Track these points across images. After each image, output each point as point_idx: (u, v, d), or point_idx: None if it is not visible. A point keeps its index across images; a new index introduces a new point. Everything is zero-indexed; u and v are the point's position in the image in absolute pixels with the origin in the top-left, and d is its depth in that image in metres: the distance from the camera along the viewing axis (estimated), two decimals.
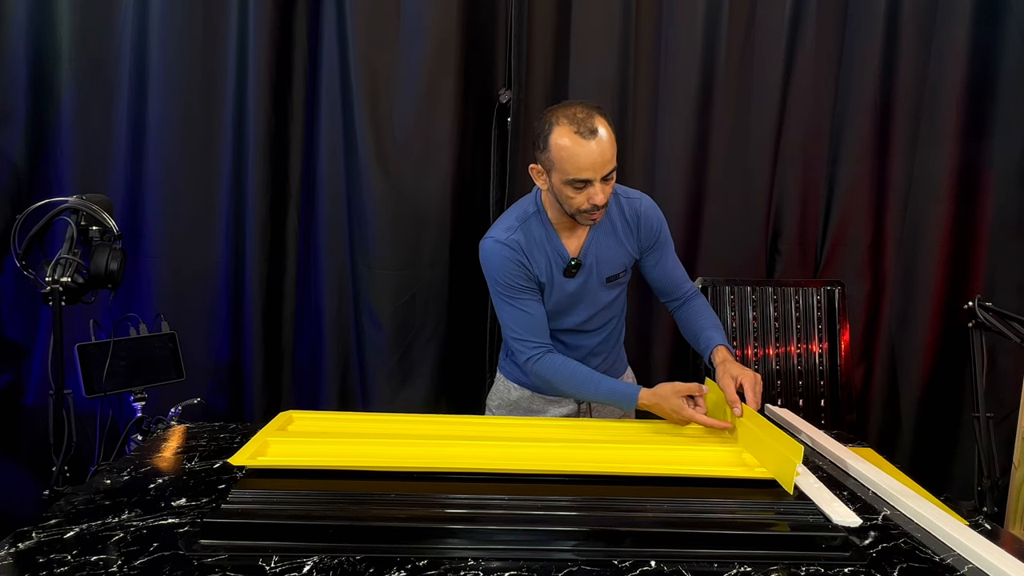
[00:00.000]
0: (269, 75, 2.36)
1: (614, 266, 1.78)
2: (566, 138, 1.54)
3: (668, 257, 1.86)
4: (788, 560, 1.10)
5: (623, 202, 1.79)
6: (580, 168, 1.54)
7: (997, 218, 2.57)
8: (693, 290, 1.91)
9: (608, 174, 1.58)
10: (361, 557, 1.07)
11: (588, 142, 1.53)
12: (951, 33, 2.48)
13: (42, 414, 2.03)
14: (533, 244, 1.72)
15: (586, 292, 1.78)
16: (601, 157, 1.54)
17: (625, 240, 1.78)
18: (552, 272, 1.74)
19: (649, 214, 1.80)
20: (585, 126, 1.54)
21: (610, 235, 1.76)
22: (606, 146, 1.55)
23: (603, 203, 1.59)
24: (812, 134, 2.57)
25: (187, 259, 2.44)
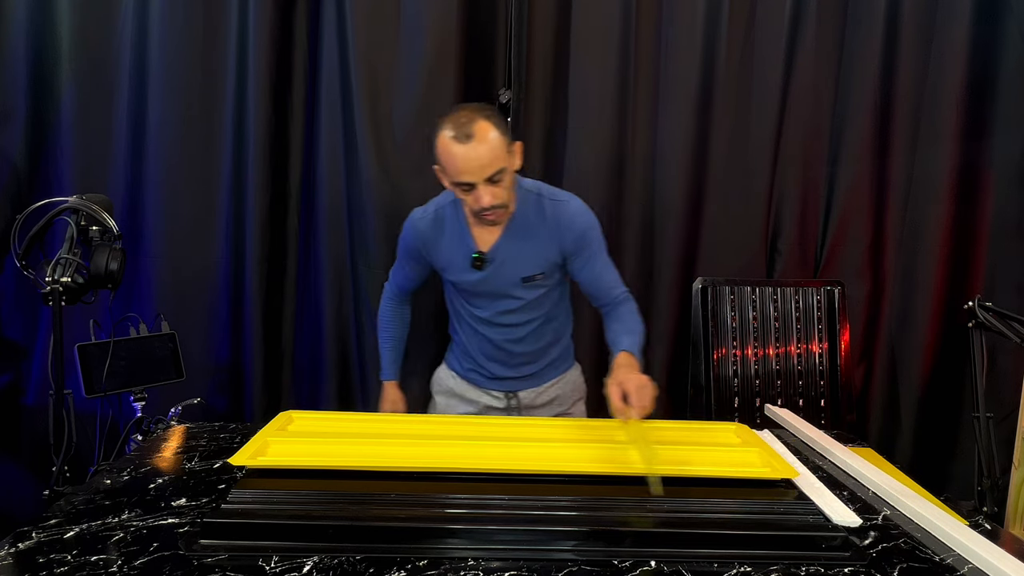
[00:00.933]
0: (269, 75, 2.36)
1: (530, 267, 1.78)
2: (446, 142, 1.58)
3: (596, 261, 1.82)
4: (788, 560, 1.10)
5: (547, 204, 1.77)
6: (459, 171, 1.57)
7: (997, 218, 2.57)
8: (623, 296, 1.85)
9: (493, 176, 1.58)
10: (361, 557, 1.07)
11: (463, 146, 1.55)
12: (951, 33, 2.48)
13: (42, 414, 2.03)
14: (440, 229, 1.80)
15: (498, 287, 1.81)
16: (478, 161, 1.55)
17: (546, 242, 1.77)
18: (455, 260, 1.80)
19: (574, 218, 1.77)
20: (462, 131, 1.55)
21: (527, 236, 1.76)
22: (484, 150, 1.55)
23: (490, 204, 1.60)
24: (812, 134, 2.57)
25: (187, 259, 2.44)
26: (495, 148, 1.57)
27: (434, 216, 1.82)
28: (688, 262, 2.58)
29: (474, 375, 1.98)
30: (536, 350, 1.92)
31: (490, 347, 1.90)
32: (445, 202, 1.83)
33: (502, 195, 1.62)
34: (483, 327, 1.88)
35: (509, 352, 1.90)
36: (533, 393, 1.97)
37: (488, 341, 1.90)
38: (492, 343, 1.89)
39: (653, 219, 2.56)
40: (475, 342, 1.92)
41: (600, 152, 2.48)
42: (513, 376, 1.94)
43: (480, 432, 1.59)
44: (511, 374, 1.93)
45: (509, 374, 1.93)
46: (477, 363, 1.95)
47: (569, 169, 2.50)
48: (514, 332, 1.87)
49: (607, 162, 2.49)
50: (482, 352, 1.93)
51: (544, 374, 1.98)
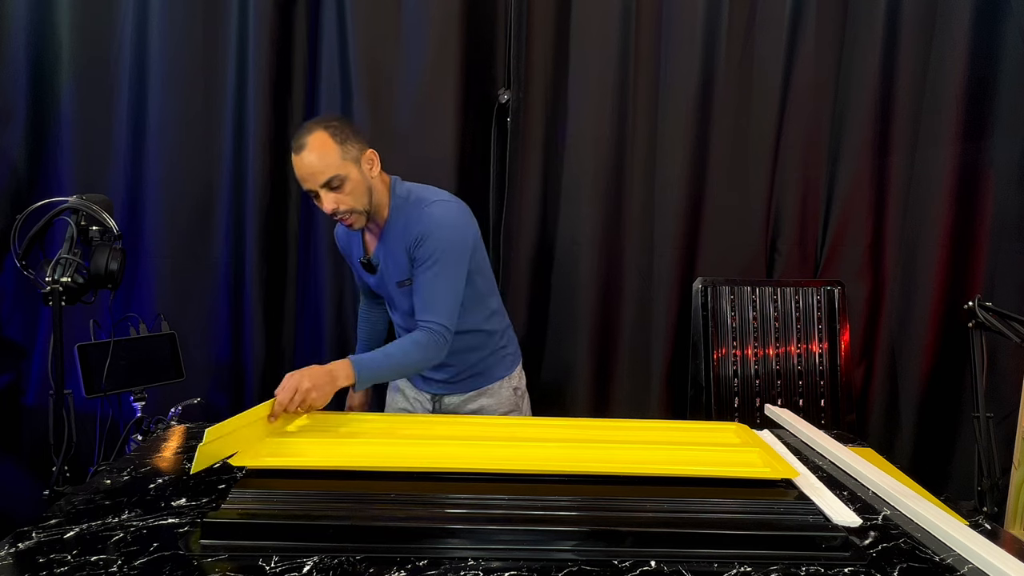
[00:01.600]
0: (269, 75, 2.36)
1: (400, 271, 1.78)
2: (293, 150, 1.65)
3: (425, 271, 1.71)
4: (788, 560, 1.10)
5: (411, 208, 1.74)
6: (300, 180, 1.66)
7: (997, 218, 2.57)
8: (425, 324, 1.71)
9: (330, 183, 1.63)
10: (361, 557, 1.07)
11: (297, 156, 1.63)
12: (951, 33, 2.48)
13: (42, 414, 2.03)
14: (349, 236, 1.91)
15: (386, 291, 1.88)
16: (309, 168, 1.62)
17: (403, 245, 1.74)
18: (357, 265, 1.91)
19: (427, 218, 1.70)
20: (297, 142, 1.64)
21: (394, 241, 1.77)
22: (313, 158, 1.61)
23: (332, 210, 1.65)
24: (812, 134, 2.57)
25: (187, 259, 2.44)
26: (327, 156, 1.62)
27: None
28: (688, 262, 2.58)
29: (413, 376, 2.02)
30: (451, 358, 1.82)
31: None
32: None
33: (347, 201, 1.66)
34: (399, 331, 1.95)
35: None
36: (456, 399, 1.96)
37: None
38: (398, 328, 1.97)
39: (653, 219, 2.55)
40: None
41: (600, 152, 2.48)
42: (434, 379, 1.95)
43: (480, 432, 1.59)
44: (432, 376, 1.96)
45: (431, 376, 1.96)
46: None
47: (569, 169, 2.50)
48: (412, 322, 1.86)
49: (607, 162, 2.49)
50: None
51: (469, 383, 1.94)
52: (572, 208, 2.52)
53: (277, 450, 1.40)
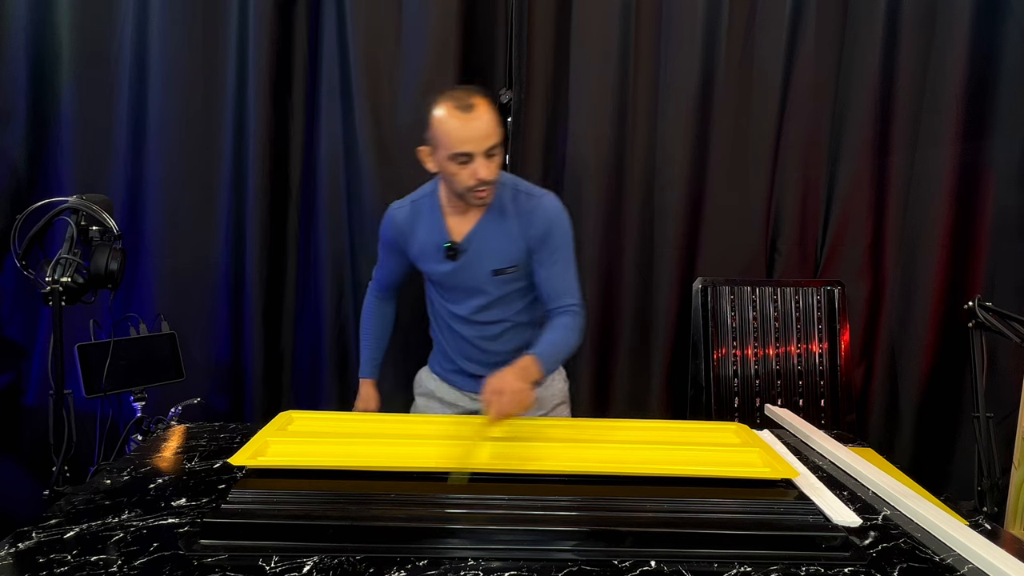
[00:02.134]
0: (269, 75, 2.36)
1: (501, 259, 1.77)
2: (445, 113, 1.61)
3: (555, 262, 1.78)
4: (788, 560, 1.10)
5: (522, 198, 1.78)
6: (460, 140, 1.59)
7: (997, 218, 2.57)
8: (570, 308, 1.78)
9: (490, 149, 1.61)
10: (361, 557, 1.07)
11: (465, 115, 1.59)
12: (951, 33, 2.48)
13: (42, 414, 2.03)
14: (416, 221, 1.81)
15: (470, 279, 1.80)
16: (479, 131, 1.59)
17: (517, 234, 1.76)
18: (428, 251, 1.80)
19: (546, 210, 1.77)
20: (463, 102, 1.60)
21: (499, 227, 1.76)
22: (484, 121, 1.60)
23: (488, 178, 1.62)
24: (812, 134, 2.57)
25: (187, 259, 2.44)
26: (494, 122, 1.62)
27: (411, 207, 1.85)
28: (688, 262, 2.58)
29: (455, 376, 1.97)
30: (511, 350, 1.85)
31: (466, 345, 1.89)
32: (423, 194, 1.85)
33: (495, 172, 1.65)
34: (459, 324, 1.87)
35: (484, 351, 1.88)
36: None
37: (464, 339, 1.88)
38: (468, 341, 1.88)
39: (653, 219, 2.55)
40: (452, 341, 1.92)
41: (600, 152, 2.48)
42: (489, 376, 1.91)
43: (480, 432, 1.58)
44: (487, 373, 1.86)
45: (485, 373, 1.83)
46: (456, 363, 1.94)
47: (569, 169, 2.50)
48: (488, 329, 1.86)
49: (607, 162, 2.49)
50: (459, 351, 1.91)
51: None
52: (572, 208, 2.49)
53: (277, 450, 1.40)
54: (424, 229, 1.81)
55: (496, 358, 1.86)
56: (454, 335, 1.90)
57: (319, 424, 1.61)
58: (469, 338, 1.88)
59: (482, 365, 1.89)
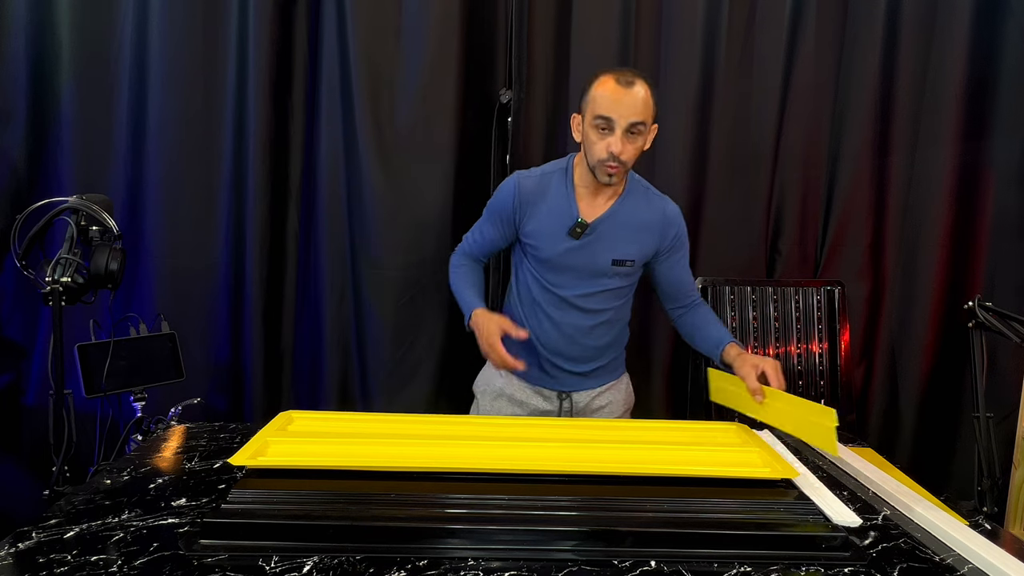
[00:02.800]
0: (269, 75, 2.36)
1: (626, 250, 1.80)
2: (605, 80, 1.67)
3: (684, 261, 1.92)
4: (788, 560, 1.10)
5: (653, 198, 1.86)
6: (607, 105, 1.63)
7: (997, 218, 2.57)
8: (699, 297, 1.97)
9: (632, 126, 1.64)
10: (361, 557, 1.07)
11: (620, 86, 1.64)
12: (951, 33, 2.48)
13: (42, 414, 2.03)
14: (544, 194, 1.79)
15: (588, 263, 1.79)
16: (629, 103, 1.63)
17: (649, 230, 1.82)
18: (551, 226, 1.78)
19: (678, 215, 1.88)
20: (626, 77, 1.66)
21: (631, 218, 1.80)
22: (638, 97, 1.64)
23: (621, 155, 1.65)
24: (812, 134, 2.57)
25: (187, 259, 2.44)
26: (647, 101, 1.66)
27: (540, 178, 1.82)
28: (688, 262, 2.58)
29: (531, 370, 1.89)
30: (600, 346, 1.90)
31: (557, 335, 1.85)
32: (554, 168, 1.84)
33: (631, 152, 1.67)
34: (556, 310, 1.84)
35: (576, 342, 1.86)
36: (587, 396, 1.92)
37: (556, 327, 1.85)
38: (560, 330, 1.85)
39: None
40: (542, 328, 1.86)
41: None
42: (572, 372, 1.89)
43: (480, 432, 1.59)
44: (571, 368, 1.89)
45: (569, 368, 1.89)
46: (537, 355, 1.89)
47: None
48: (589, 319, 1.84)
49: None
50: (549, 341, 1.87)
51: (600, 375, 1.94)
52: None
53: (277, 450, 1.40)
54: (551, 203, 1.79)
55: (585, 352, 1.89)
56: (549, 322, 1.85)
57: (319, 424, 1.61)
58: (565, 326, 1.84)
59: (566, 359, 1.88)
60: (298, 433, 1.53)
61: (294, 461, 1.35)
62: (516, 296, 1.93)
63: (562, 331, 1.85)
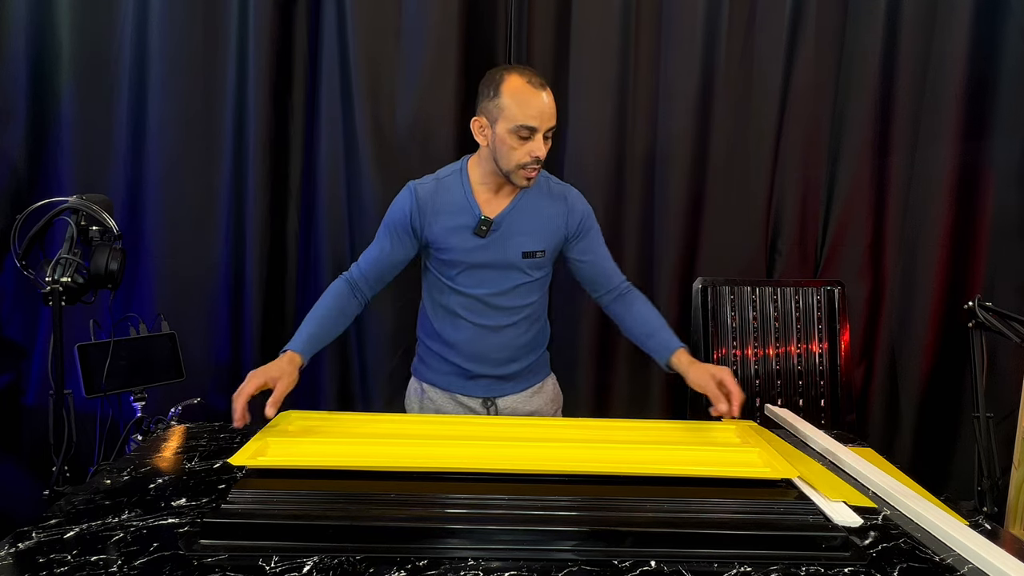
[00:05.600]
0: (269, 75, 2.36)
1: (534, 241, 1.77)
2: (519, 84, 1.62)
3: (599, 245, 1.87)
4: (788, 560, 1.10)
5: (554, 186, 1.83)
6: (530, 115, 1.61)
7: (997, 218, 2.57)
8: (628, 284, 1.88)
9: (549, 131, 1.65)
10: (361, 557, 1.07)
11: (541, 91, 1.63)
12: (951, 33, 2.48)
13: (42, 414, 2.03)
14: (441, 199, 1.76)
15: (498, 258, 1.76)
16: (549, 110, 1.63)
17: (553, 219, 1.79)
18: (455, 227, 1.75)
19: (577, 199, 1.85)
20: (536, 79, 1.64)
21: (536, 209, 1.78)
22: (552, 101, 1.65)
23: (543, 158, 1.65)
24: (812, 134, 2.57)
25: (187, 259, 2.44)
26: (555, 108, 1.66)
27: (435, 183, 1.79)
28: (688, 262, 2.58)
29: (452, 379, 1.87)
30: (520, 345, 1.86)
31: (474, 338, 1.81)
32: (449, 172, 1.81)
33: (545, 153, 1.67)
34: (471, 312, 1.80)
35: (494, 343, 1.82)
36: (512, 401, 1.89)
37: (474, 329, 1.81)
38: (477, 332, 1.81)
39: (653, 219, 2.55)
40: (459, 334, 1.82)
41: (600, 152, 2.48)
42: (494, 376, 1.85)
43: (480, 432, 1.58)
44: (493, 372, 1.85)
45: (491, 372, 1.85)
46: (455, 363, 1.84)
47: (569, 169, 2.50)
48: (504, 317, 1.80)
49: (607, 162, 2.49)
50: (465, 346, 1.82)
51: (524, 378, 1.90)
52: None
53: (277, 450, 1.40)
54: (452, 205, 1.76)
55: (504, 352, 1.84)
56: (467, 325, 1.81)
57: (319, 424, 1.61)
58: (481, 327, 1.80)
59: (488, 363, 1.84)
60: (298, 433, 1.53)
61: (294, 461, 1.35)
62: (428, 309, 1.89)
63: (480, 333, 1.81)
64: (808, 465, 1.51)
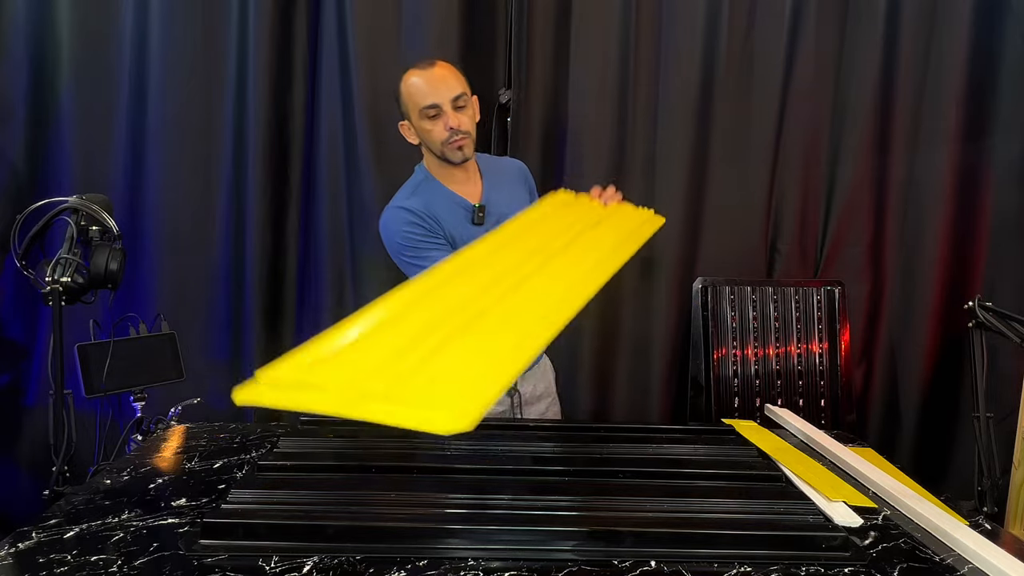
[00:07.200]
0: (269, 75, 2.36)
1: (519, 203, 1.85)
2: (410, 76, 1.71)
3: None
4: (788, 560, 1.10)
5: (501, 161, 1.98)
6: (425, 94, 1.67)
7: (997, 218, 2.57)
8: None
9: (457, 98, 1.68)
10: (361, 557, 1.07)
11: (426, 71, 1.69)
12: (951, 33, 2.48)
13: (42, 414, 2.03)
14: (433, 204, 1.78)
15: None
16: (443, 81, 1.68)
17: (518, 186, 1.91)
18: (460, 223, 1.79)
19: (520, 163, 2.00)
20: (424, 62, 1.71)
21: (501, 181, 1.87)
22: (446, 73, 1.69)
23: (460, 127, 1.68)
24: (812, 134, 2.56)
25: (187, 259, 2.44)
26: (456, 76, 1.71)
27: (415, 197, 1.78)
28: (688, 262, 2.58)
29: None
30: None
31: None
32: (416, 183, 1.83)
33: (467, 123, 1.71)
34: None
35: None
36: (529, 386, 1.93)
37: None
38: None
39: None
40: None
41: (600, 152, 2.48)
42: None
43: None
44: None
45: None
46: None
47: (569, 169, 2.50)
48: None
49: (607, 162, 2.49)
50: None
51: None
52: None
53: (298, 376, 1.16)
54: (444, 208, 1.79)
55: None
56: None
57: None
58: None
59: None
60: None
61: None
62: None
63: None
64: (808, 465, 1.51)
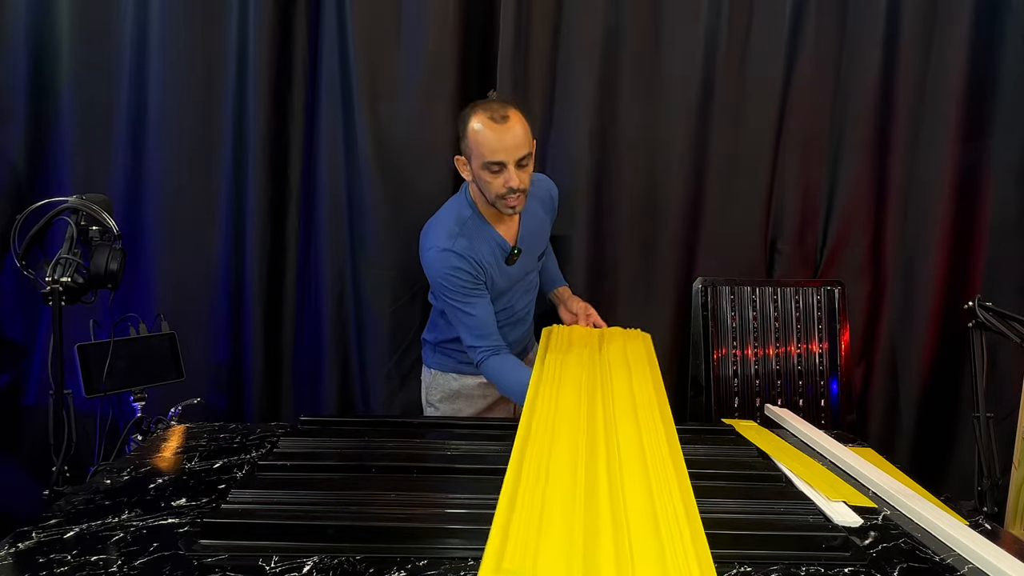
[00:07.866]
0: (269, 75, 2.36)
1: (541, 242, 2.02)
2: (480, 124, 1.70)
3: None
4: (788, 560, 1.10)
5: (535, 181, 1.98)
6: (493, 151, 1.68)
7: (997, 218, 2.57)
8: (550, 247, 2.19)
9: (521, 159, 1.71)
10: (361, 557, 1.07)
11: (500, 126, 1.68)
12: (951, 33, 2.48)
13: (42, 414, 2.03)
14: (476, 243, 1.82)
15: (522, 273, 1.95)
16: (513, 141, 1.68)
17: (546, 215, 2.03)
18: (498, 263, 1.88)
19: (549, 182, 2.10)
20: (498, 113, 1.69)
21: (532, 217, 1.96)
22: (517, 131, 1.69)
23: (519, 187, 1.71)
24: (812, 134, 2.56)
25: (187, 259, 2.44)
26: (526, 132, 1.72)
27: (462, 237, 1.81)
28: (688, 262, 2.58)
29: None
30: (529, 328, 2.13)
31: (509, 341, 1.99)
32: (463, 218, 1.84)
33: (526, 181, 1.74)
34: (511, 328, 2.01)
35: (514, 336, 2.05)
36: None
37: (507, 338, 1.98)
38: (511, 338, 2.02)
39: (653, 219, 2.55)
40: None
41: (599, 151, 2.48)
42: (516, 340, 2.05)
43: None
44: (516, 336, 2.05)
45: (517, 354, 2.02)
46: None
47: (569, 169, 2.50)
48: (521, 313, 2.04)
49: (606, 162, 2.49)
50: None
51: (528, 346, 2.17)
52: (570, 208, 2.51)
53: None
54: (485, 248, 1.85)
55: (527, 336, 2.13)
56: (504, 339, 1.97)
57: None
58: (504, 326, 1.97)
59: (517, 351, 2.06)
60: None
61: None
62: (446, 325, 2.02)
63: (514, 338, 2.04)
64: (808, 465, 1.51)
